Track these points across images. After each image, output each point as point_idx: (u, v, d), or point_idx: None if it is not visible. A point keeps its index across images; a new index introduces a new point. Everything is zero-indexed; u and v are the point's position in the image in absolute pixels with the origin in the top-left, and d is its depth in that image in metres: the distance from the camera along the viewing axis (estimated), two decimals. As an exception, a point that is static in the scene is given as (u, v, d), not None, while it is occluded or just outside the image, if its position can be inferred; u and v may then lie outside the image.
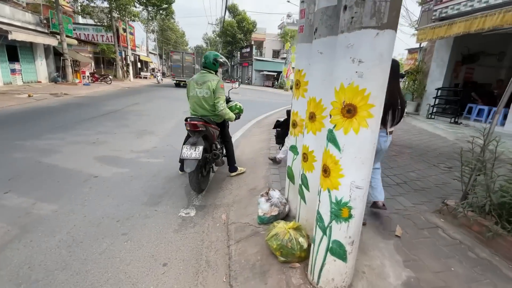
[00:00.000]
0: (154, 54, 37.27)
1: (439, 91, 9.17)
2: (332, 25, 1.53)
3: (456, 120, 8.30)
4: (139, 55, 29.55)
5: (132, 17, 21.62)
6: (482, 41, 8.39)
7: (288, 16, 35.48)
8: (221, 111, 3.02)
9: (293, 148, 2.14)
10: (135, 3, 23.40)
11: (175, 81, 19.98)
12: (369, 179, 1.39)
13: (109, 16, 20.05)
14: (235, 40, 35.60)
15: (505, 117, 6.72)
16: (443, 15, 8.25)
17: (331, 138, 1.33)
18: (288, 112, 3.36)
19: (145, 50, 33.29)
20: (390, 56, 1.23)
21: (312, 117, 1.71)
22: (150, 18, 31.32)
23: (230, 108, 3.53)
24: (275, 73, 31.68)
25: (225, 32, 35.33)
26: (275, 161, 3.75)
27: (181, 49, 39.35)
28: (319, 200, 1.47)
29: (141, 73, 30.11)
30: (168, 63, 32.65)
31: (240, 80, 38.04)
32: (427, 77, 9.93)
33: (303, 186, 1.87)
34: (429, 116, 9.36)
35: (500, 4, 6.20)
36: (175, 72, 19.98)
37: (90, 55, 21.74)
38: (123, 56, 23.10)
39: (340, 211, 1.37)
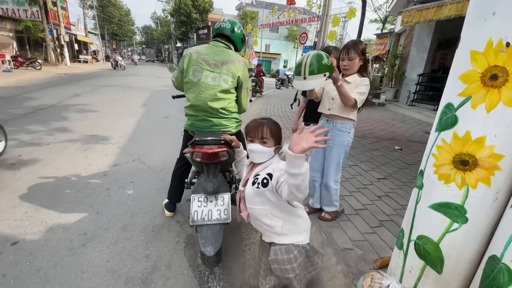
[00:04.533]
0: (95, 34, 32.01)
1: (421, 77, 8.94)
2: None
3: (439, 107, 8.13)
4: (75, 35, 24.95)
5: (63, -12, 17.77)
6: (458, 26, 8.21)
7: (247, -4, 33.57)
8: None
9: (449, 209, 1.05)
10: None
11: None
12: None
13: (33, -14, 16.25)
14: (190, 20, 32.40)
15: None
16: (425, -3, 7.79)
17: None
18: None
19: (83, 29, 28.38)
20: None
21: None
22: (86, -10, 26.75)
23: None
24: (238, 57, 30.07)
25: (178, 11, 31.92)
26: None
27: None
28: None
29: (80, 56, 25.59)
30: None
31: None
32: (407, 62, 9.66)
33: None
34: (410, 103, 9.14)
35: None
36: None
37: (11, 34, 17.42)
38: (55, 35, 19.00)
39: None
